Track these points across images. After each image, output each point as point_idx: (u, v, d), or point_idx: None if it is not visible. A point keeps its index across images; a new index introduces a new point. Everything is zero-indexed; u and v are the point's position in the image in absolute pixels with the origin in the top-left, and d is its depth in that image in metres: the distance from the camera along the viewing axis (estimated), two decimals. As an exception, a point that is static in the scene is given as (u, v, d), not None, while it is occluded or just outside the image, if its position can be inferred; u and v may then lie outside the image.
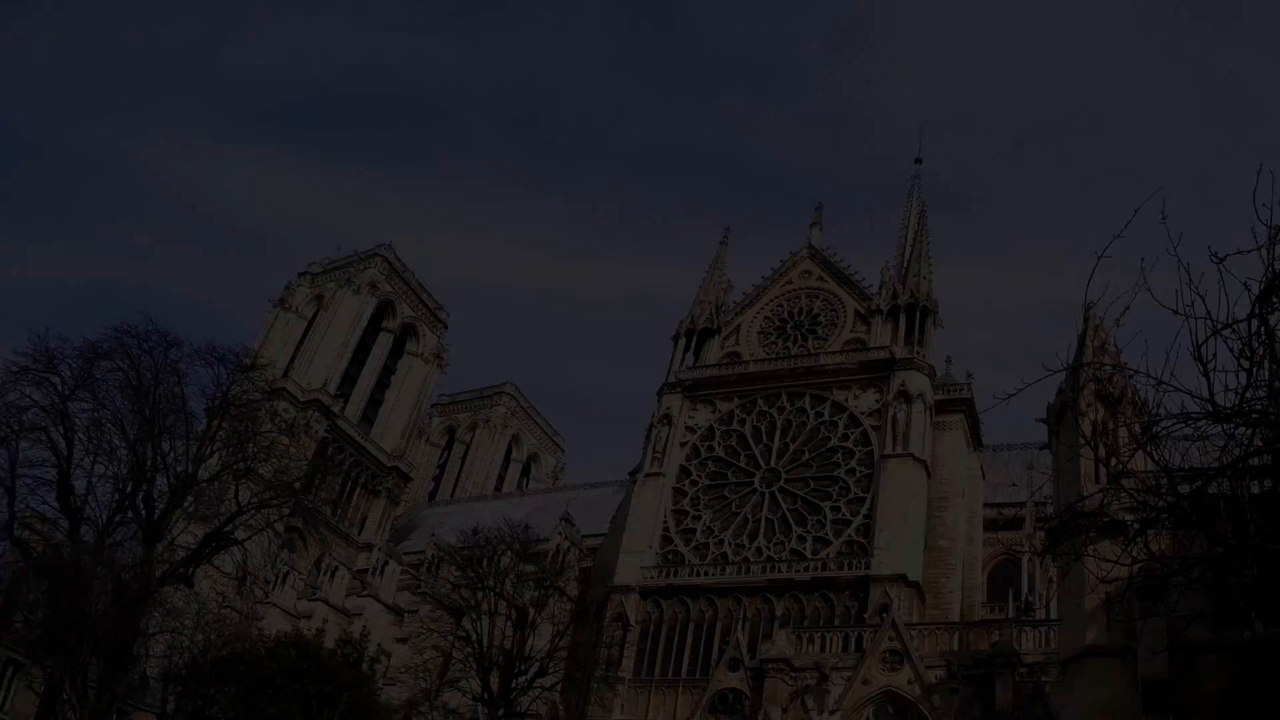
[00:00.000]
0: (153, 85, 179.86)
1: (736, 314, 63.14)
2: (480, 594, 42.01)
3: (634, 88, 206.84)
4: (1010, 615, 41.84)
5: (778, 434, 55.26)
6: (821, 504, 51.71)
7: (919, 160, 73.93)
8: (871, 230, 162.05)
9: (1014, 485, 59.47)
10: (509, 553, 45.08)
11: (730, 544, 52.32)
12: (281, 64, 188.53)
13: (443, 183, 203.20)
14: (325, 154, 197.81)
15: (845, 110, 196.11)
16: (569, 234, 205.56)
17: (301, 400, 75.00)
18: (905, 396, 53.05)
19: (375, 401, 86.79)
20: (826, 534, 50.63)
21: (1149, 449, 12.48)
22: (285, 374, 76.46)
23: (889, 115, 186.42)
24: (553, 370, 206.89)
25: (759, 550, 51.41)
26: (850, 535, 50.10)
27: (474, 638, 40.38)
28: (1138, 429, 16.58)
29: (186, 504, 29.85)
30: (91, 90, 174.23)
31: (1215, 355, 10.45)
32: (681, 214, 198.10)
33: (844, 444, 53.55)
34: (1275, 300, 10.40)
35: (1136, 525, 13.82)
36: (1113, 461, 16.76)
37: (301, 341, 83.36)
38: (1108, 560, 14.04)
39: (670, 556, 53.29)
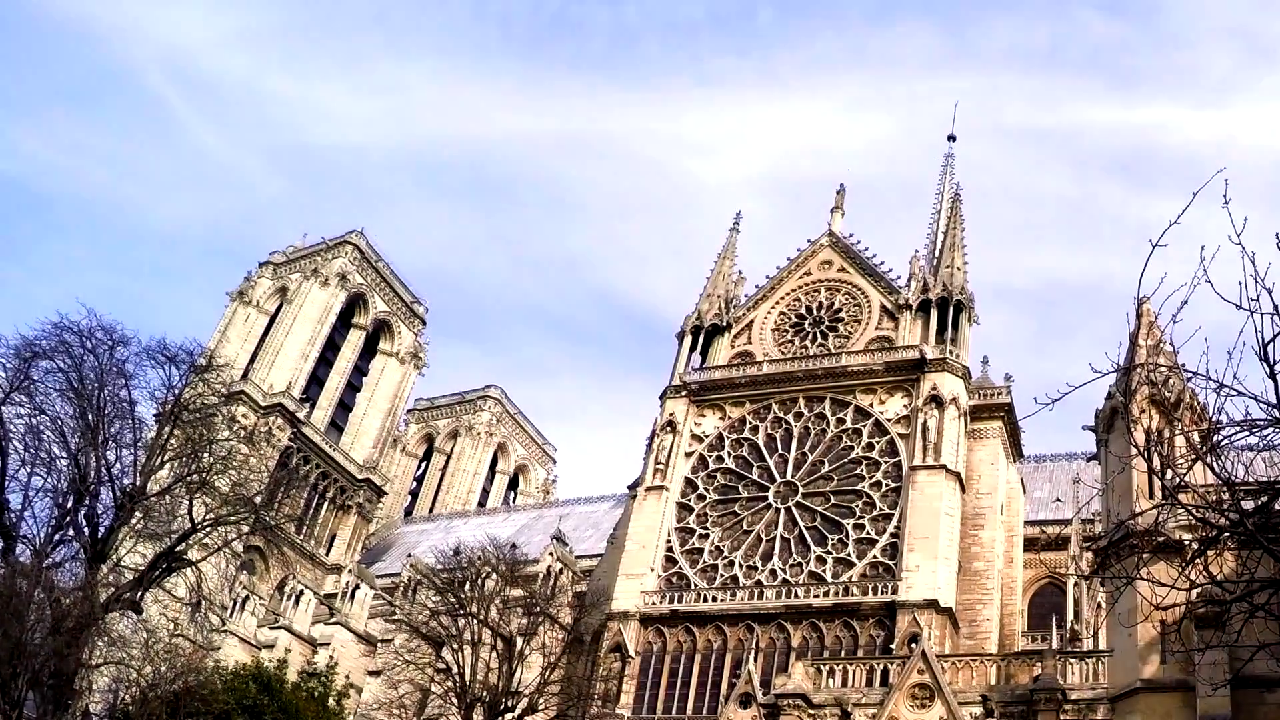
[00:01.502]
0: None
1: (749, 309, 63.17)
2: (462, 622, 42.08)
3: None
4: (1054, 646, 41.79)
5: (794, 443, 55.27)
6: (843, 521, 51.73)
7: (952, 138, 73.96)
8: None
9: (1058, 500, 59.75)
10: (494, 575, 45.21)
11: (741, 566, 52.32)
12: None
13: (423, 144, 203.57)
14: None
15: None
16: (565, 232, 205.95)
17: (263, 405, 75.24)
18: (937, 401, 53.05)
19: (345, 406, 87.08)
20: (849, 555, 50.65)
21: (1209, 460, 12.44)
22: (245, 375, 76.64)
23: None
24: (543, 372, 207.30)
25: (773, 573, 51.43)
26: (875, 556, 50.12)
27: (455, 670, 40.43)
28: (1196, 438, 16.57)
29: (134, 521, 29.81)
30: None
31: (1284, 355, 10.39)
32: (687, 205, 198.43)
33: (868, 454, 53.57)
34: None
35: (1195, 545, 13.78)
36: (1169, 474, 16.70)
37: (263, 339, 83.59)
38: (1163, 584, 13.99)
39: (674, 580, 53.30)
